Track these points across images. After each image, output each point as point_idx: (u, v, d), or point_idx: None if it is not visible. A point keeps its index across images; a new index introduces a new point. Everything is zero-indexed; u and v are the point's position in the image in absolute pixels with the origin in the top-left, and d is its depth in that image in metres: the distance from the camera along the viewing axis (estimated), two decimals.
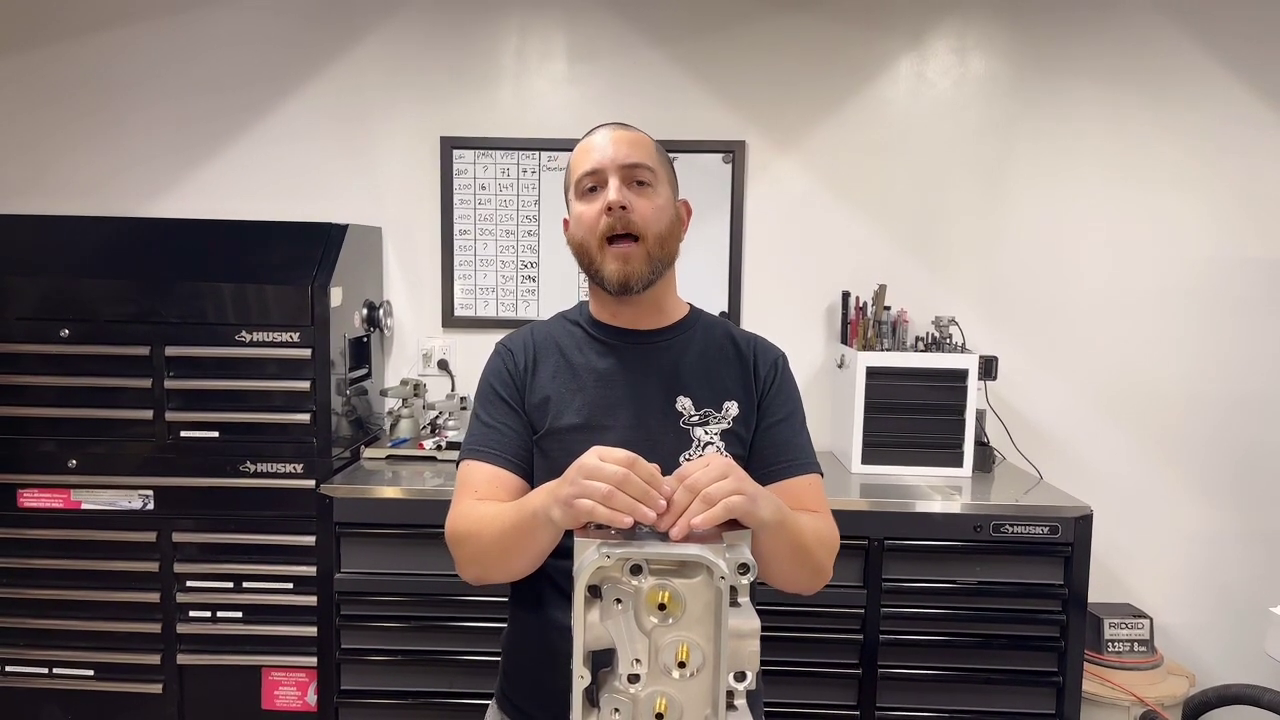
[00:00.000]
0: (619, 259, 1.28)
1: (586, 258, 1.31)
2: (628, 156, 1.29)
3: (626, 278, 1.28)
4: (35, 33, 2.84)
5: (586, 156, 1.31)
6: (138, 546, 2.40)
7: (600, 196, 1.29)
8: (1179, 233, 2.77)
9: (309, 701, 2.40)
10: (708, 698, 0.97)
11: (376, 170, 2.86)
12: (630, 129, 1.34)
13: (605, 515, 0.99)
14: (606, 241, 1.28)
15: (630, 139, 1.32)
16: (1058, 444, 2.80)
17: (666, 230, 1.31)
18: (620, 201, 1.27)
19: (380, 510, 2.28)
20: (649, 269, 1.29)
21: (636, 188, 1.29)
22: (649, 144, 1.34)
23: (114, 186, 2.86)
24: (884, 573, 2.26)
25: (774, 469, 1.31)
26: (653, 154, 1.33)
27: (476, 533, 1.23)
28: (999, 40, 2.77)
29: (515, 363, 1.36)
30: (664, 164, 1.35)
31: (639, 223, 1.28)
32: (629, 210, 1.27)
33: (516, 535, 1.16)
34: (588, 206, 1.30)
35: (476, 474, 1.30)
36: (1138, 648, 2.55)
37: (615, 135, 1.32)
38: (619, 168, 1.28)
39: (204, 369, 2.38)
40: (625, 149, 1.30)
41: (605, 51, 2.81)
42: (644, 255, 1.29)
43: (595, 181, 1.30)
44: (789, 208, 2.83)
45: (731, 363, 1.36)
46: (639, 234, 1.28)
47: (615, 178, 1.28)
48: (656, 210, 1.30)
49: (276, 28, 2.82)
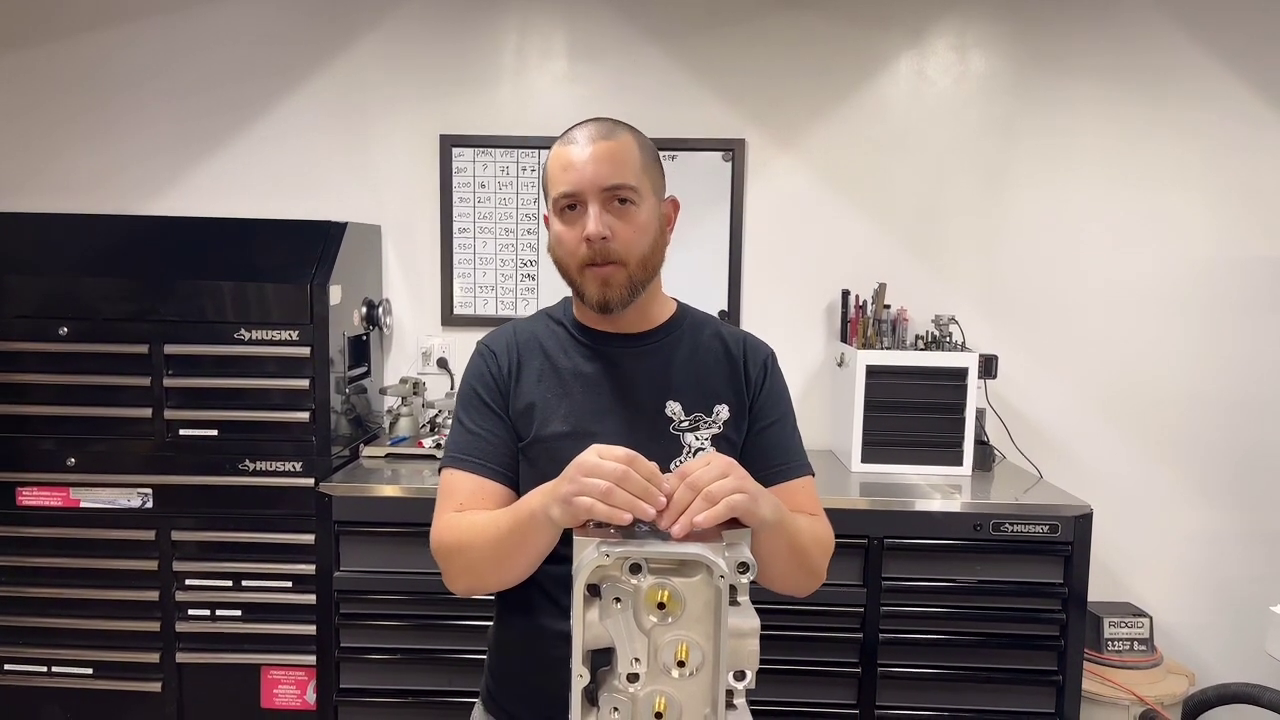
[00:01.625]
0: (599, 282, 1.24)
1: (567, 276, 1.28)
2: (608, 177, 1.21)
3: (607, 301, 1.25)
4: (34, 29, 2.84)
5: (564, 173, 1.23)
6: (137, 545, 2.40)
7: (579, 219, 1.22)
8: (1180, 231, 2.77)
9: (308, 700, 2.40)
10: (707, 697, 0.97)
11: (376, 168, 2.85)
12: (612, 135, 1.24)
13: (605, 512, 0.98)
14: (586, 266, 1.24)
15: (611, 153, 1.22)
16: (1058, 443, 2.80)
17: (649, 249, 1.26)
18: (601, 233, 1.20)
19: (379, 509, 2.28)
20: (630, 292, 1.25)
21: (618, 208, 1.22)
22: (631, 152, 1.24)
23: (113, 184, 2.86)
24: (884, 571, 2.25)
25: (768, 472, 1.28)
26: (635, 164, 1.24)
27: (468, 543, 1.20)
28: (999, 38, 2.76)
29: (498, 365, 1.31)
30: (648, 169, 1.27)
31: (620, 250, 1.22)
32: (610, 239, 1.22)
33: (514, 539, 1.14)
34: (566, 229, 1.24)
35: (460, 485, 1.27)
36: (1137, 647, 2.55)
37: (595, 151, 1.22)
38: (599, 191, 1.21)
39: (203, 367, 2.37)
40: (606, 169, 1.21)
41: (605, 49, 2.80)
42: (625, 279, 1.24)
43: (574, 202, 1.23)
44: (789, 206, 2.82)
45: (721, 363, 1.33)
46: (621, 261, 1.23)
47: (595, 203, 1.21)
48: (638, 232, 1.23)
49: (276, 25, 2.82)
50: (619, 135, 1.25)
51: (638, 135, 1.28)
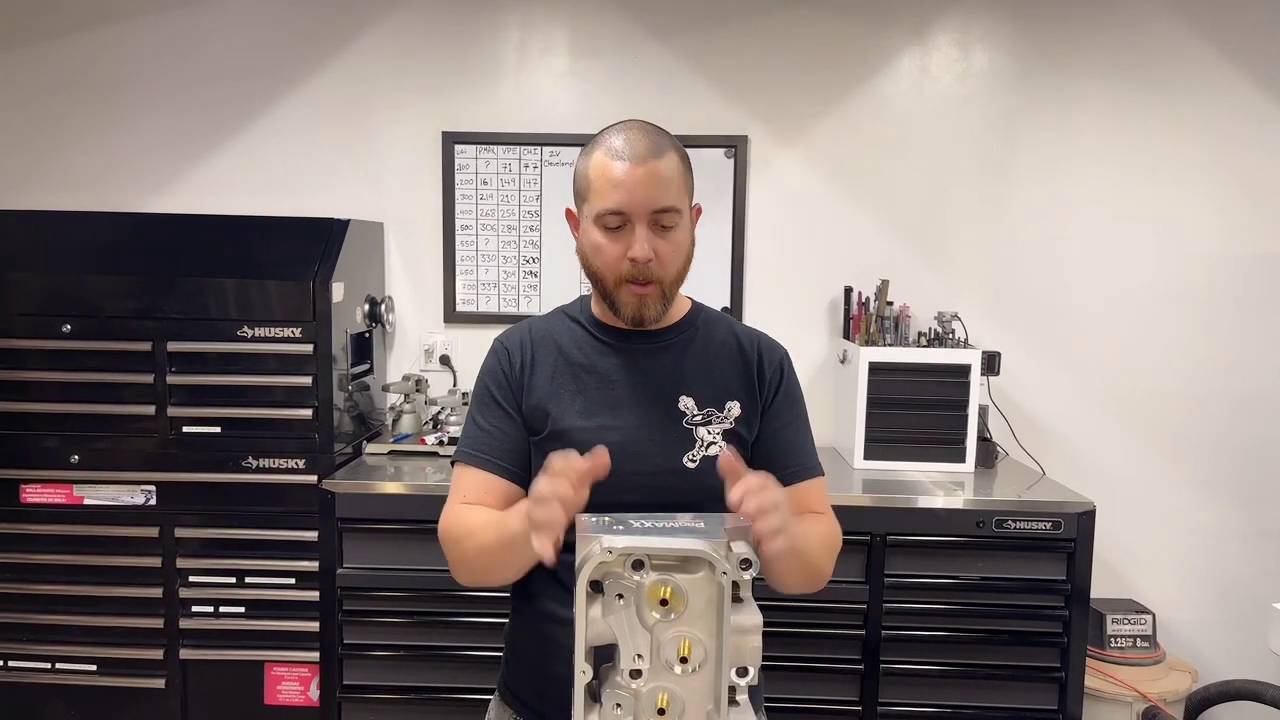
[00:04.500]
0: (636, 299, 1.27)
1: (600, 285, 1.30)
2: (658, 201, 1.23)
3: (642, 315, 1.28)
4: (35, 25, 2.83)
5: (613, 190, 1.23)
6: (140, 542, 2.40)
7: (623, 237, 1.24)
8: (1183, 227, 2.76)
9: (311, 696, 2.40)
10: (709, 693, 0.97)
11: (378, 165, 2.85)
12: (657, 149, 1.25)
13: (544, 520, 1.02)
14: (625, 281, 1.27)
15: (659, 174, 1.23)
16: (1060, 439, 2.80)
17: (684, 265, 1.31)
18: (648, 257, 1.24)
19: (382, 506, 2.28)
20: (663, 307, 1.30)
21: (661, 230, 1.25)
22: (675, 170, 1.26)
23: (115, 181, 2.86)
24: (886, 568, 2.25)
25: (782, 474, 1.28)
26: (679, 184, 1.26)
27: (465, 547, 1.26)
28: (1002, 34, 2.76)
29: (511, 363, 1.34)
30: (686, 182, 1.29)
31: (660, 271, 1.26)
32: (654, 261, 1.25)
33: (502, 555, 1.20)
34: (609, 243, 1.25)
35: (467, 479, 1.32)
36: (1140, 643, 2.55)
37: (646, 171, 1.22)
38: (647, 213, 1.23)
39: (206, 364, 2.38)
40: (656, 192, 1.23)
41: (607, 46, 2.80)
42: (660, 295, 1.28)
43: (620, 222, 1.24)
44: (791, 202, 2.82)
45: (734, 361, 1.35)
46: (659, 280, 1.27)
47: (643, 225, 1.24)
48: (677, 251, 1.28)
49: (278, 21, 2.81)
50: (665, 153, 1.26)
51: (677, 146, 1.29)
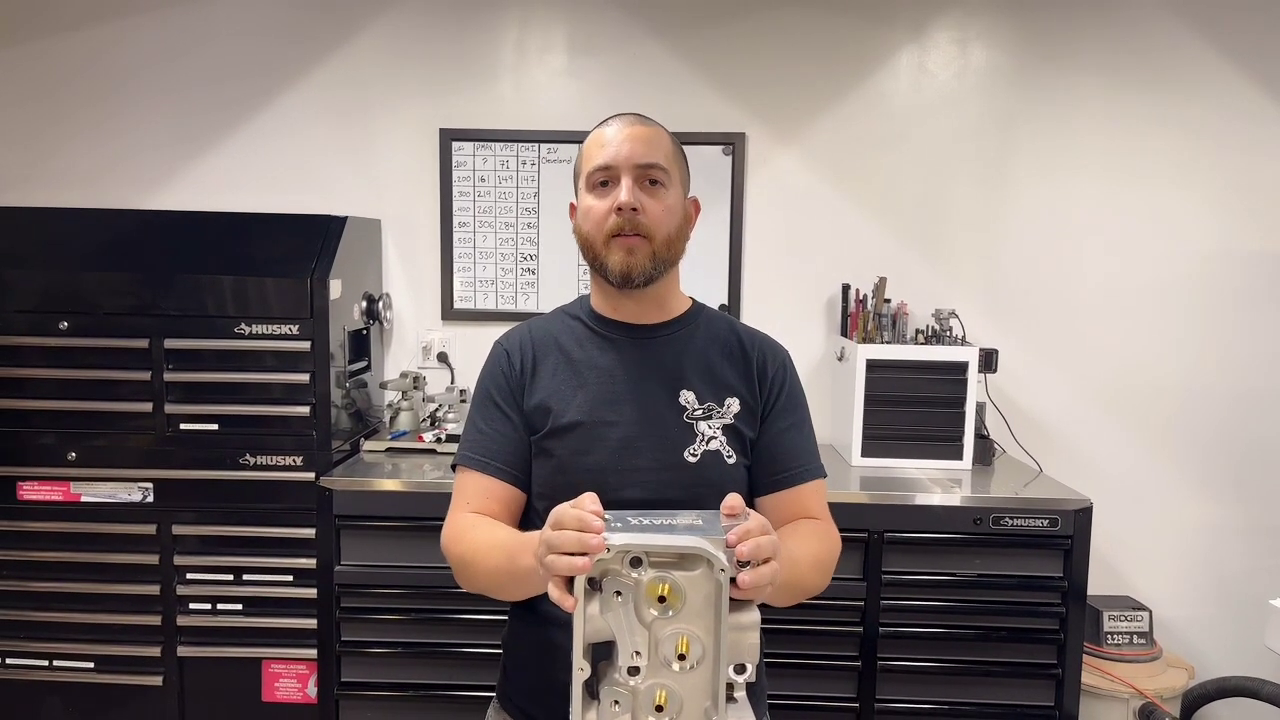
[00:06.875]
0: (625, 250, 1.28)
1: (591, 251, 1.31)
2: (643, 155, 1.28)
3: (629, 269, 1.28)
4: (32, 23, 2.83)
5: (600, 150, 1.29)
6: (137, 539, 2.40)
7: (611, 192, 1.28)
8: (1180, 226, 2.76)
9: (309, 694, 2.40)
10: (708, 690, 0.97)
11: (376, 162, 2.85)
12: (647, 123, 1.32)
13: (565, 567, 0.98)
14: (613, 237, 1.28)
15: (647, 136, 1.30)
16: (1058, 437, 2.80)
17: (675, 232, 1.31)
18: (631, 203, 1.26)
19: (380, 503, 2.28)
20: (652, 265, 1.29)
21: (649, 187, 1.29)
22: (665, 140, 1.32)
23: (112, 178, 2.85)
24: (883, 565, 2.26)
25: (784, 475, 1.32)
26: (668, 152, 1.31)
27: (470, 563, 1.25)
28: (1000, 32, 2.76)
29: (511, 365, 1.35)
30: (678, 161, 1.34)
31: (648, 224, 1.28)
32: (639, 212, 1.27)
33: (513, 584, 1.20)
34: (598, 201, 1.29)
35: (469, 484, 1.32)
36: (1137, 640, 2.56)
37: (632, 131, 1.30)
38: (633, 167, 1.27)
39: (203, 361, 2.37)
40: (641, 147, 1.28)
41: (605, 43, 2.80)
42: (649, 251, 1.28)
43: (607, 177, 1.29)
44: (789, 200, 2.82)
45: (735, 359, 1.36)
46: (647, 235, 1.28)
47: (628, 177, 1.27)
48: (666, 211, 1.30)
49: (276, 18, 2.81)
50: (655, 127, 1.33)
51: (669, 132, 1.35)
